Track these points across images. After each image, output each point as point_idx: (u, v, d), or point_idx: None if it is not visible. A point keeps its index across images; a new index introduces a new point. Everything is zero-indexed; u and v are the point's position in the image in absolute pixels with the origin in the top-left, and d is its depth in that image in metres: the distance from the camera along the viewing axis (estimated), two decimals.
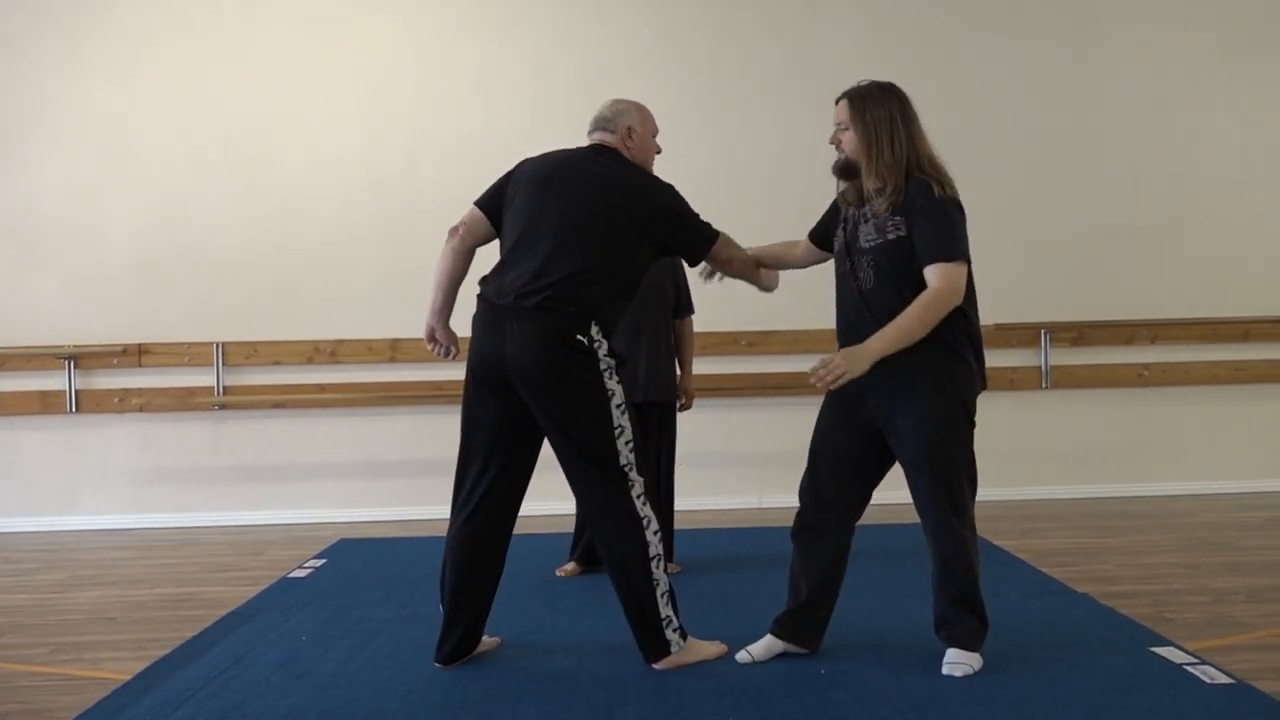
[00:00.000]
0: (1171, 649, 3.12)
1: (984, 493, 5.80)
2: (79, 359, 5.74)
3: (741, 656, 3.11)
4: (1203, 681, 2.84)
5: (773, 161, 5.76)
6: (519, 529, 3.23)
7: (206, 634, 3.54)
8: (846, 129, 2.98)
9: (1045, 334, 5.94)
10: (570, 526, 4.39)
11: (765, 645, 3.11)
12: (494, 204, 3.16)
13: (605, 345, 3.00)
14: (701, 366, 5.97)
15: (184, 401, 5.78)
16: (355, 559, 4.69)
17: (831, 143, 3.04)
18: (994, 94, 6.00)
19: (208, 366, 5.80)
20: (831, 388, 2.80)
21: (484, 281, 3.09)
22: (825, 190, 4.86)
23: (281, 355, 5.84)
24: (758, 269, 3.29)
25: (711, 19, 5.97)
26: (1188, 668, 2.95)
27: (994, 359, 5.95)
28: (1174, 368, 6.03)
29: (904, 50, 5.94)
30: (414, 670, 3.11)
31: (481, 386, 3.04)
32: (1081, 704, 2.71)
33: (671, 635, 3.03)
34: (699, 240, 3.16)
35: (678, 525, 4.87)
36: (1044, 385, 5.95)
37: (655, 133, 3.33)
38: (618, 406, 2.99)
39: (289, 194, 5.83)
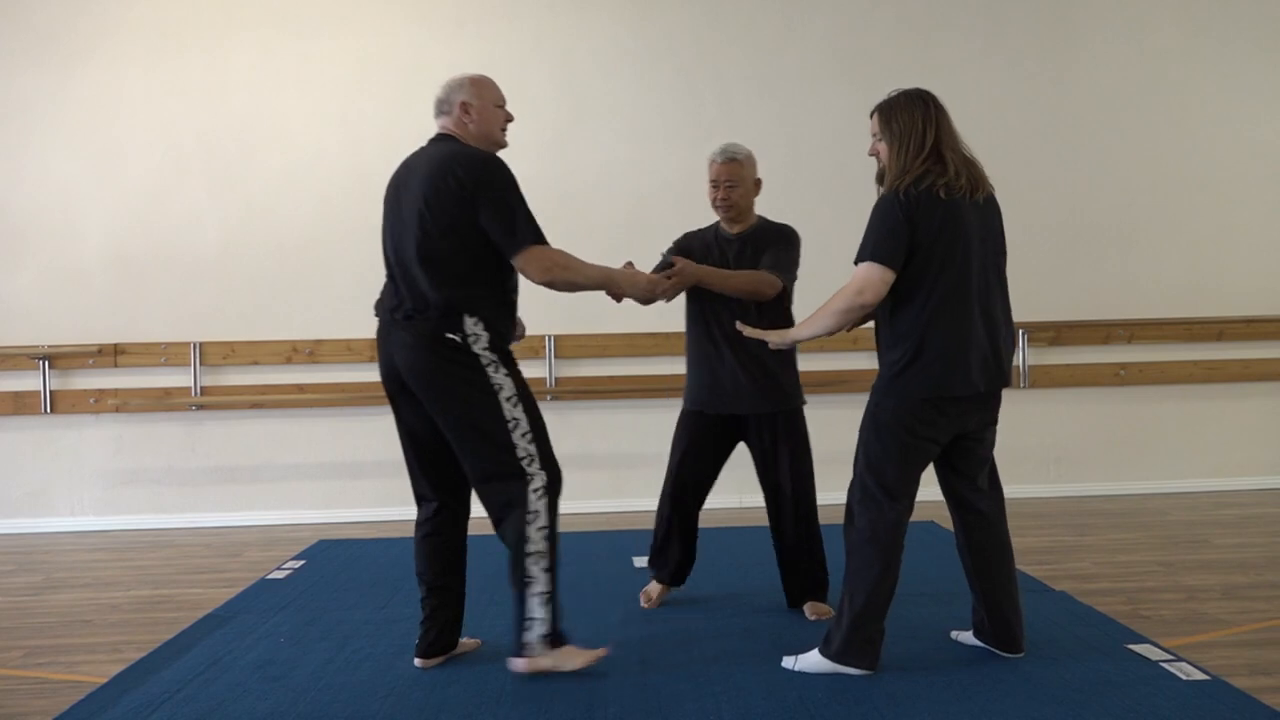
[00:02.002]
0: (1148, 646, 3.15)
1: None
2: (54, 359, 5.69)
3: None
4: (1178, 678, 2.87)
5: None
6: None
7: (183, 636, 3.51)
8: (881, 140, 3.05)
9: (1023, 334, 5.98)
10: (569, 526, 4.37)
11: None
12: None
13: (485, 338, 2.93)
14: (682, 366, 6.00)
15: (161, 402, 5.74)
16: (334, 560, 4.67)
17: (871, 154, 3.12)
18: (970, 96, 6.03)
19: (185, 366, 5.76)
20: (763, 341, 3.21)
21: (377, 302, 3.12)
22: (803, 187, 4.92)
23: (260, 355, 5.81)
24: (594, 284, 3.12)
25: (689, 20, 5.97)
26: (1164, 664, 2.98)
27: None
28: (1150, 367, 6.08)
29: (879, 53, 5.97)
30: (393, 671, 3.10)
31: (390, 395, 3.11)
32: (1059, 701, 2.74)
33: (531, 638, 2.96)
34: (508, 235, 2.93)
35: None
36: (1022, 385, 5.99)
37: (498, 101, 3.16)
38: (509, 399, 2.94)
39: (267, 193, 5.80)
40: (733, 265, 3.53)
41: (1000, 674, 2.94)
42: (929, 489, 6.44)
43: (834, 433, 5.87)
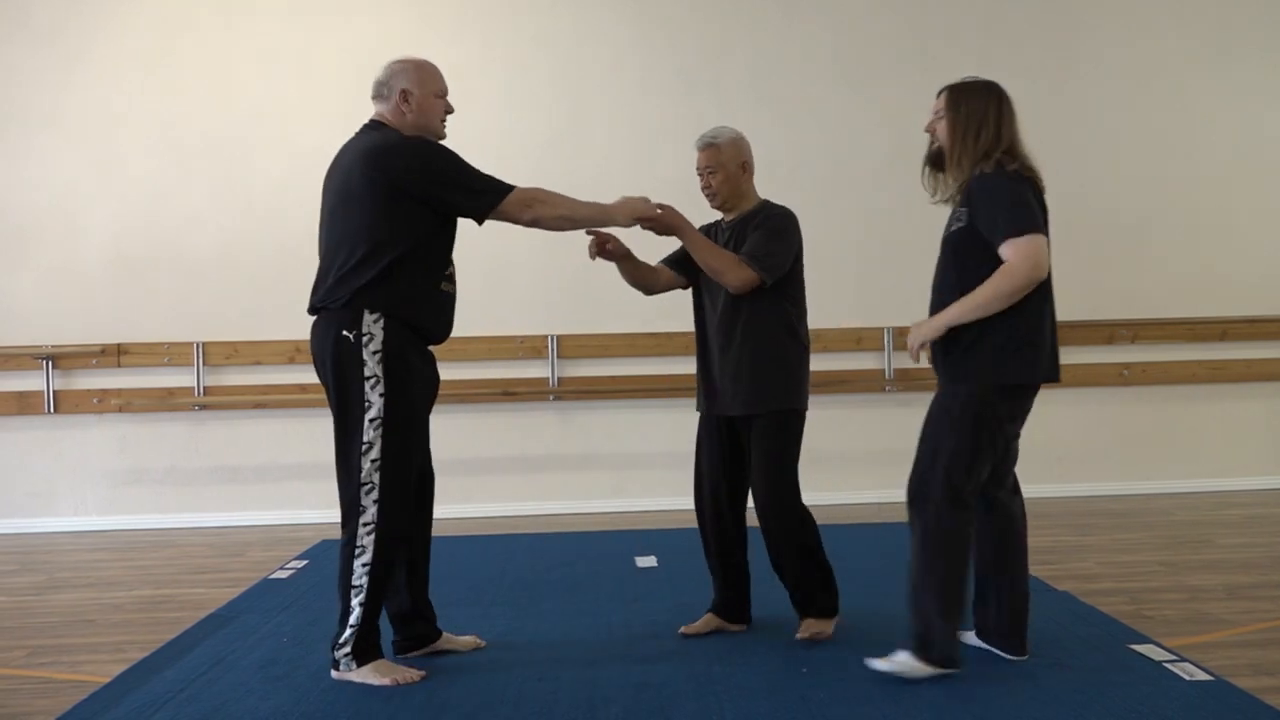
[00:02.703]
0: (1151, 646, 3.14)
1: None
2: (57, 359, 5.70)
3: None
4: (1181, 678, 2.86)
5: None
6: (499, 529, 3.22)
7: (186, 636, 3.52)
8: (942, 119, 2.99)
9: None
10: (571, 526, 4.38)
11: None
12: None
13: (379, 338, 2.86)
14: (686, 366, 5.96)
15: (164, 402, 5.74)
16: (336, 560, 4.66)
17: (927, 130, 3.07)
18: None
19: (188, 366, 5.77)
20: (917, 358, 3.06)
21: None
22: (803, 188, 4.91)
23: (262, 355, 5.81)
24: (592, 218, 3.08)
25: (690, 20, 5.97)
26: (1167, 665, 2.97)
27: None
28: (1154, 367, 6.08)
29: (880, 53, 5.97)
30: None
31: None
32: (1061, 701, 2.73)
33: (341, 656, 2.96)
34: (478, 196, 2.92)
35: (664, 524, 4.88)
36: None
37: (440, 91, 3.06)
38: (372, 420, 2.87)
39: (269, 193, 5.80)
40: None
41: (1002, 674, 2.94)
42: None
43: (836, 433, 5.89)
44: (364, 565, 2.95)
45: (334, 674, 3.01)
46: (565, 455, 5.97)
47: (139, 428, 5.77)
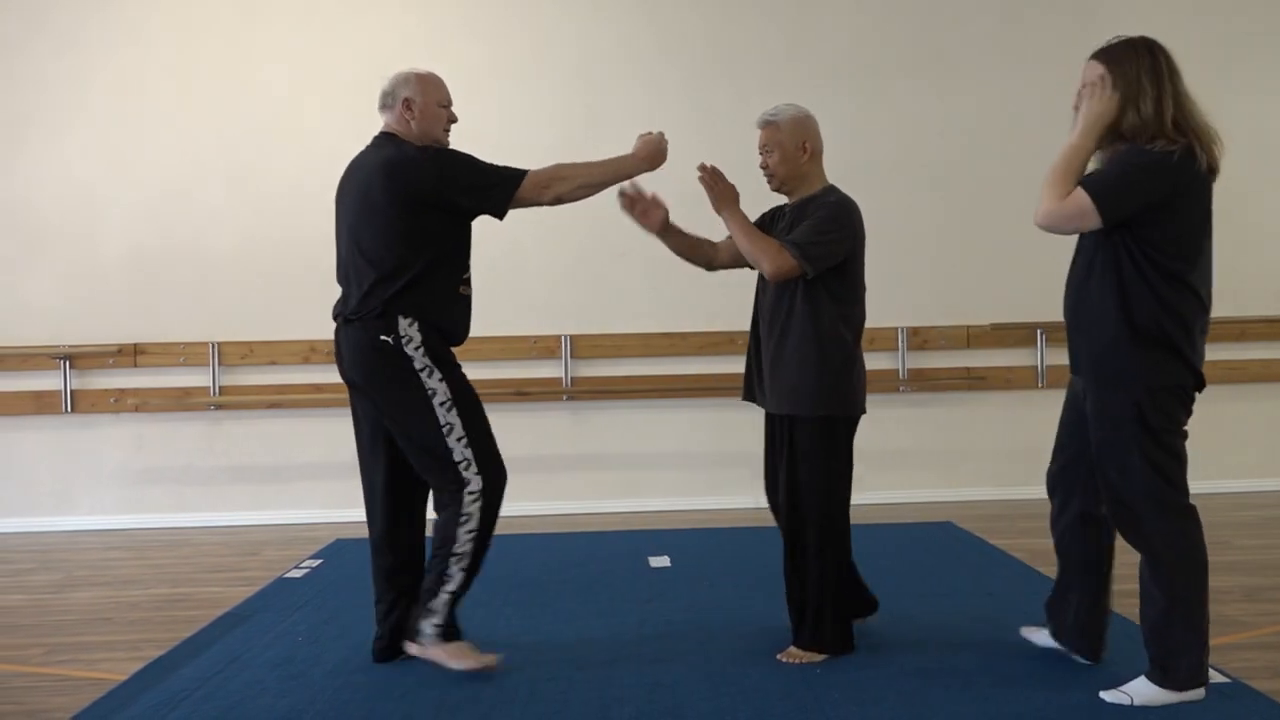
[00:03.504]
0: None
1: (981, 492, 5.92)
2: (74, 359, 5.73)
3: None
4: None
5: (754, 165, 5.76)
6: (512, 529, 3.23)
7: (202, 634, 3.53)
8: (1096, 87, 2.73)
9: (1041, 333, 5.95)
10: (584, 526, 4.37)
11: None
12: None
13: (418, 339, 2.95)
14: (700, 366, 6.01)
15: (179, 401, 5.77)
16: (351, 559, 4.68)
17: (1075, 107, 2.82)
18: (983, 97, 6.01)
19: (203, 366, 5.79)
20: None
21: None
22: None
23: (277, 355, 5.84)
24: (608, 178, 3.12)
25: (707, 16, 5.96)
26: None
27: (990, 358, 6.03)
28: None
29: (899, 46, 5.95)
30: (409, 670, 3.10)
31: (349, 390, 3.16)
32: (1076, 702, 2.72)
33: (426, 628, 3.00)
34: (491, 191, 2.97)
35: (678, 524, 4.87)
36: (1040, 384, 5.95)
37: (443, 101, 3.11)
38: (442, 404, 2.95)
39: (284, 193, 5.82)
40: (779, 238, 3.11)
41: (1016, 674, 2.93)
42: (936, 489, 6.39)
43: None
44: (469, 533, 2.98)
45: (412, 648, 3.02)
46: (578, 455, 5.97)
47: (155, 427, 5.80)
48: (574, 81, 5.89)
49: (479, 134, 5.83)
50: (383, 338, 2.95)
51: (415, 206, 2.95)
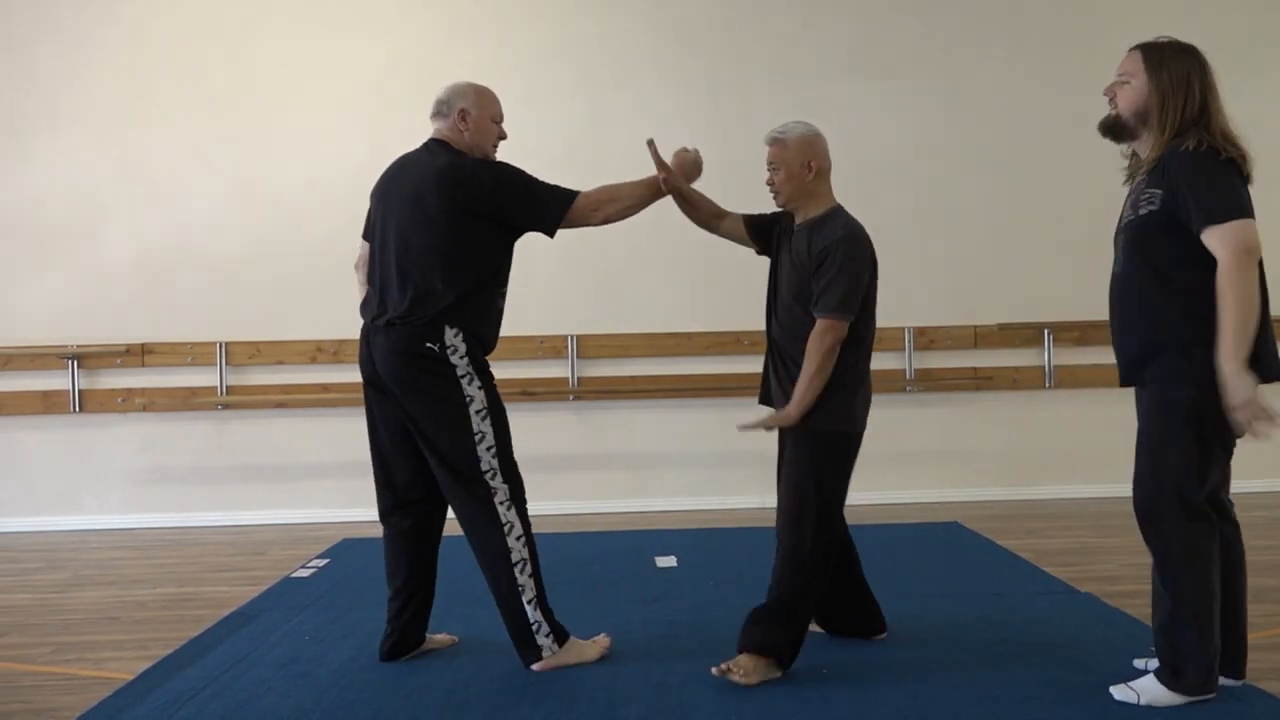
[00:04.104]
0: None
1: (988, 492, 5.92)
2: (82, 359, 5.75)
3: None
4: None
5: (764, 164, 5.76)
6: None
7: (209, 634, 3.54)
8: (1127, 83, 2.66)
9: (1048, 333, 5.94)
10: (590, 526, 4.37)
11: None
12: (369, 230, 3.24)
13: (463, 349, 2.97)
14: (706, 366, 6.01)
15: (187, 401, 5.79)
16: (358, 559, 4.69)
17: (1106, 94, 2.74)
18: (992, 94, 6.00)
19: (210, 366, 5.81)
20: (1259, 434, 2.55)
21: (362, 304, 3.19)
22: None
23: (284, 355, 5.85)
24: (648, 197, 3.17)
25: (706, 21, 5.96)
26: None
27: (997, 359, 6.02)
28: None
29: (902, 50, 5.95)
30: (416, 669, 3.11)
31: (368, 395, 3.17)
32: (1084, 704, 2.71)
33: (543, 640, 3.03)
34: (545, 209, 3.01)
35: (684, 524, 4.86)
36: (1047, 385, 5.94)
37: (496, 117, 3.16)
38: (478, 413, 2.98)
39: (291, 195, 5.84)
40: (791, 259, 3.10)
41: (1024, 677, 2.92)
42: (943, 489, 6.38)
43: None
44: (520, 538, 3.03)
45: (538, 667, 3.03)
46: (584, 455, 5.97)
47: (162, 427, 5.82)
48: (580, 79, 5.89)
49: None
50: (428, 345, 2.95)
51: (470, 218, 2.97)
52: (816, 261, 3.00)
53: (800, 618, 2.98)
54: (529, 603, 3.01)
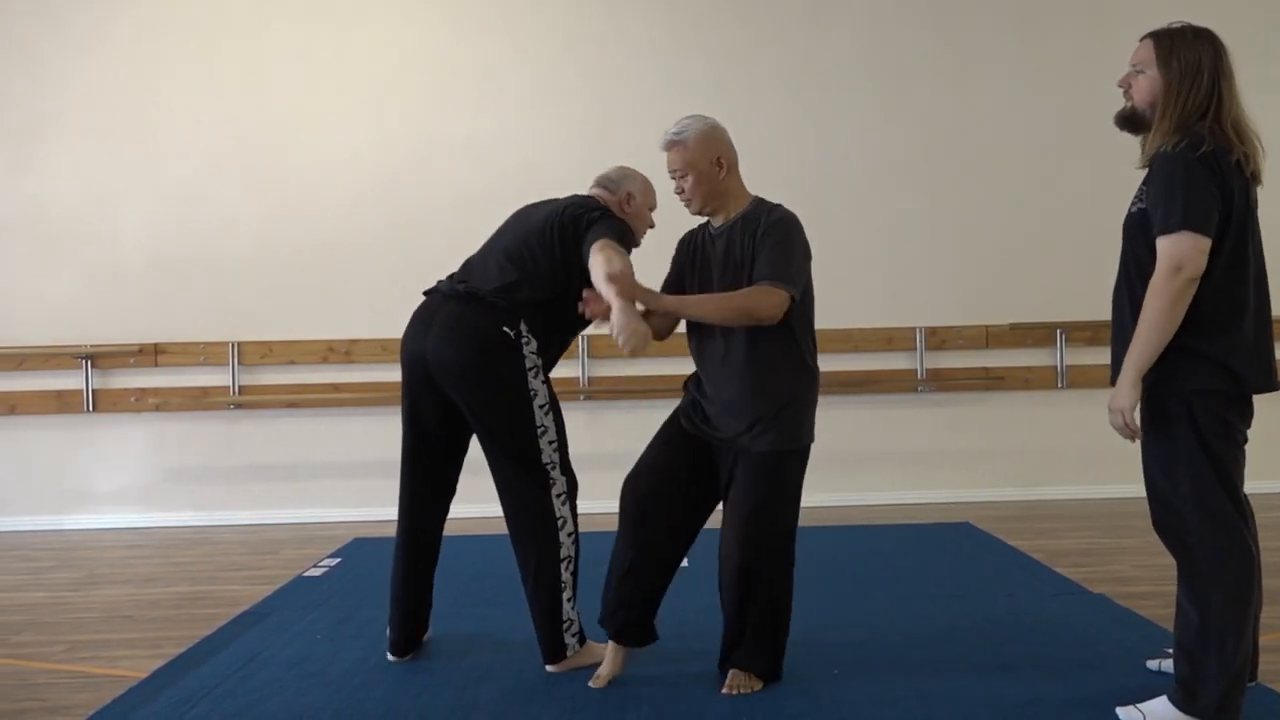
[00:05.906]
0: None
1: (999, 492, 5.90)
2: (96, 358, 5.78)
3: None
4: None
5: (774, 165, 5.76)
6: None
7: (221, 632, 3.56)
8: (1141, 73, 2.55)
9: (1060, 333, 5.92)
10: (603, 526, 4.35)
11: None
12: None
13: (535, 344, 3.01)
14: None
15: (199, 401, 5.81)
16: (369, 558, 4.70)
17: (1120, 85, 2.63)
18: (1000, 96, 5.98)
19: (223, 366, 5.83)
20: (1131, 437, 2.53)
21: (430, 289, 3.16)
22: (833, 188, 4.76)
23: (296, 355, 5.87)
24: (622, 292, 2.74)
25: (716, 21, 5.96)
26: None
27: (1009, 358, 6.00)
28: None
29: (912, 51, 5.93)
30: (427, 669, 3.12)
31: (411, 385, 3.07)
32: (1094, 705, 2.70)
33: (570, 640, 3.06)
34: (592, 226, 2.96)
35: None
36: (1059, 385, 5.92)
37: (654, 207, 3.29)
38: (541, 407, 3.02)
39: (302, 194, 5.86)
40: (720, 265, 2.87)
41: (1035, 678, 2.91)
42: (954, 490, 6.36)
43: (866, 434, 5.86)
44: (570, 535, 3.09)
45: (555, 667, 3.04)
46: (596, 455, 5.95)
47: (175, 426, 5.85)
48: (589, 80, 5.89)
49: (490, 130, 5.89)
50: (505, 328, 2.96)
51: (574, 243, 3.01)
52: (760, 242, 2.76)
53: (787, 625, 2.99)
54: (568, 600, 3.05)
